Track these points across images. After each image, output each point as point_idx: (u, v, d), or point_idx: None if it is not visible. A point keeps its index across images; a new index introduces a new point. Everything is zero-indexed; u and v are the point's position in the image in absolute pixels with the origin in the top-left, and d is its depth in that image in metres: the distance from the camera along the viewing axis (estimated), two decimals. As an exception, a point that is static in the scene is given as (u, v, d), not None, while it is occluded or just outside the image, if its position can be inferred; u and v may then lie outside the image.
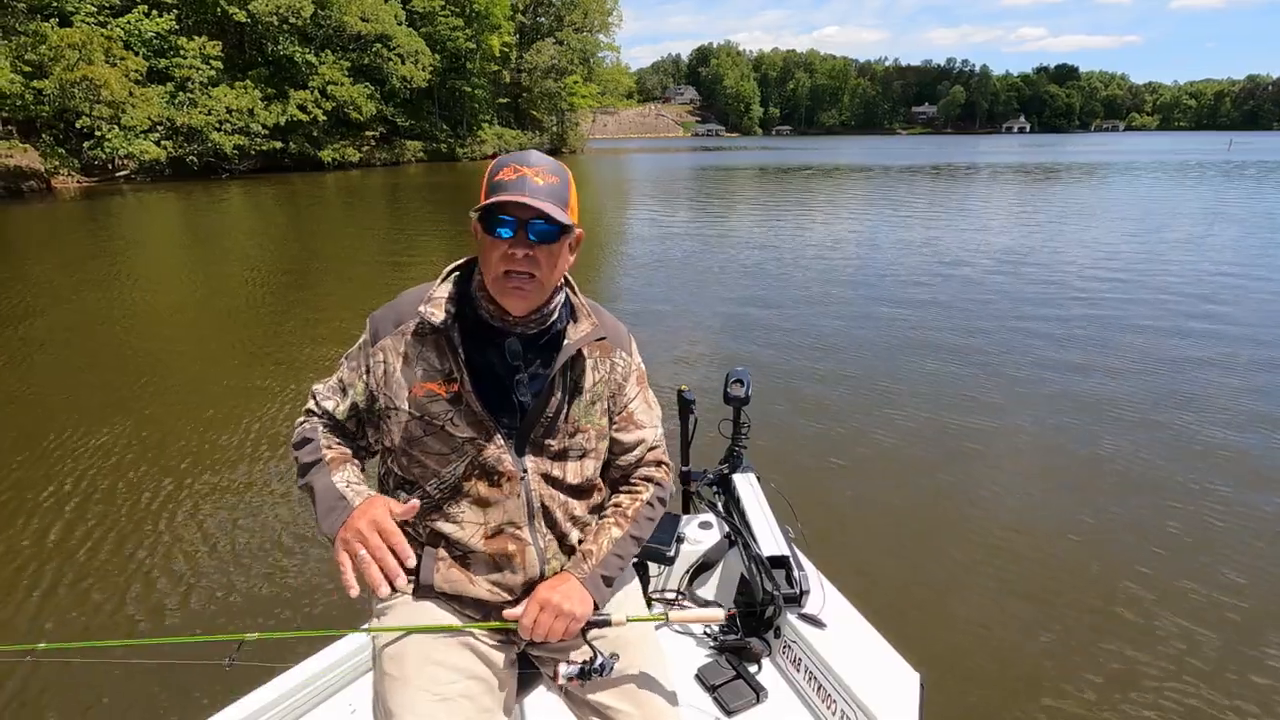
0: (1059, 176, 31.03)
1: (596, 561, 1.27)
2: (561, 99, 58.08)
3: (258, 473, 4.33)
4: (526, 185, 1.12)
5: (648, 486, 1.39)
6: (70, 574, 3.36)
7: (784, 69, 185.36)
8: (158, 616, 3.07)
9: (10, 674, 2.74)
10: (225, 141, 31.50)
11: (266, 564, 3.41)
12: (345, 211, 20.08)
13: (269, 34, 34.72)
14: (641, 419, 1.38)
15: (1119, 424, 4.95)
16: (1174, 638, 2.83)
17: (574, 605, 1.21)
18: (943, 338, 7.02)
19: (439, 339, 1.21)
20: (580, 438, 1.28)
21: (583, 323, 1.29)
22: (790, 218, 17.78)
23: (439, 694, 1.18)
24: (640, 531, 1.35)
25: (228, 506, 3.94)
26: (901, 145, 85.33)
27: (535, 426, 1.24)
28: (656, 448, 1.42)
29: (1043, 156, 49.85)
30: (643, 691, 1.28)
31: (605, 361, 1.32)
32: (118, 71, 23.95)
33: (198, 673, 2.58)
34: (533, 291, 1.17)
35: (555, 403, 1.25)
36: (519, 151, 1.19)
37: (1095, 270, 10.41)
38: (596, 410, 1.30)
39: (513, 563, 1.26)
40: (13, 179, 23.62)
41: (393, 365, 1.22)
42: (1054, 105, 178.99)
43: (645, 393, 1.41)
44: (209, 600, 3.15)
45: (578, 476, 1.29)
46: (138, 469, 4.39)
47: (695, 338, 7.27)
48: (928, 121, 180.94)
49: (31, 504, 4.00)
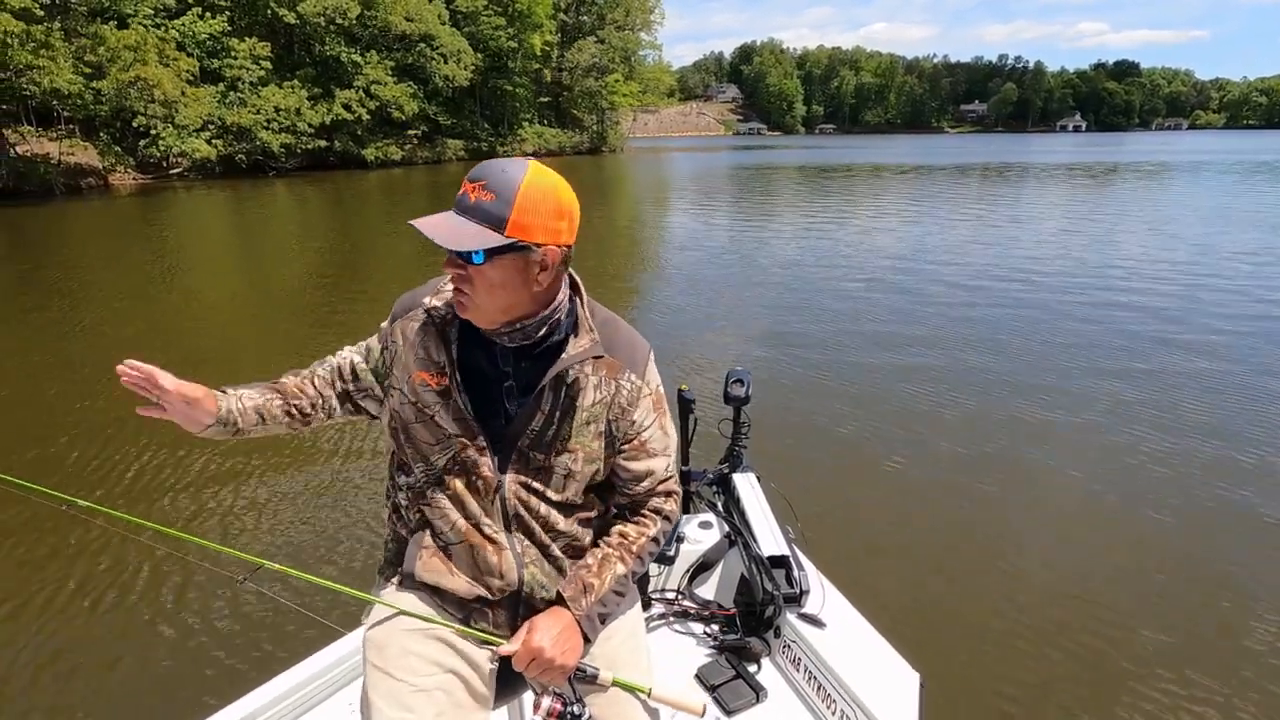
0: (1118, 177, 29.85)
1: (596, 598, 1.24)
2: (602, 97, 58.19)
3: (309, 446, 4.63)
4: (458, 203, 1.10)
5: (655, 520, 1.34)
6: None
7: (828, 66, 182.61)
8: (200, 519, 3.77)
9: (50, 520, 3.46)
10: (273, 140, 32.33)
11: (302, 514, 3.81)
12: (387, 210, 20.40)
13: (316, 34, 35.54)
14: (654, 447, 1.31)
15: (1134, 423, 4.87)
16: (1174, 637, 2.83)
17: (566, 658, 1.18)
18: (958, 344, 6.83)
19: (438, 331, 1.22)
20: (566, 457, 1.24)
21: (583, 338, 1.23)
22: (830, 219, 17.46)
23: (416, 685, 1.19)
24: (642, 567, 1.32)
25: (280, 469, 4.36)
26: (950, 144, 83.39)
27: (520, 437, 1.22)
28: (669, 479, 1.35)
29: (1100, 155, 48.01)
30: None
31: (610, 382, 1.25)
32: (170, 72, 24.76)
33: (210, 577, 3.07)
34: (470, 308, 1.14)
35: (542, 417, 1.22)
36: (487, 161, 1.13)
37: (1166, 287, 9.29)
38: (590, 431, 1.24)
39: (489, 563, 1.25)
40: (73, 176, 24.65)
41: (400, 347, 1.25)
42: (1112, 103, 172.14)
43: (662, 419, 1.33)
44: (240, 523, 3.72)
45: (558, 494, 1.26)
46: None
47: (725, 342, 7.19)
48: (977, 120, 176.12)
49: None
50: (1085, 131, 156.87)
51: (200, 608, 2.98)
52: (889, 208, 19.36)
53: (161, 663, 2.69)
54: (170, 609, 2.98)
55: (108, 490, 4.06)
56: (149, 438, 4.65)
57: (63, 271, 11.00)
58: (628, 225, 16.96)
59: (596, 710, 1.22)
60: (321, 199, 23.12)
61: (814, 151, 61.75)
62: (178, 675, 2.64)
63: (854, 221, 16.38)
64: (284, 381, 1.33)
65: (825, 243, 13.40)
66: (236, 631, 2.84)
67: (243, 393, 1.28)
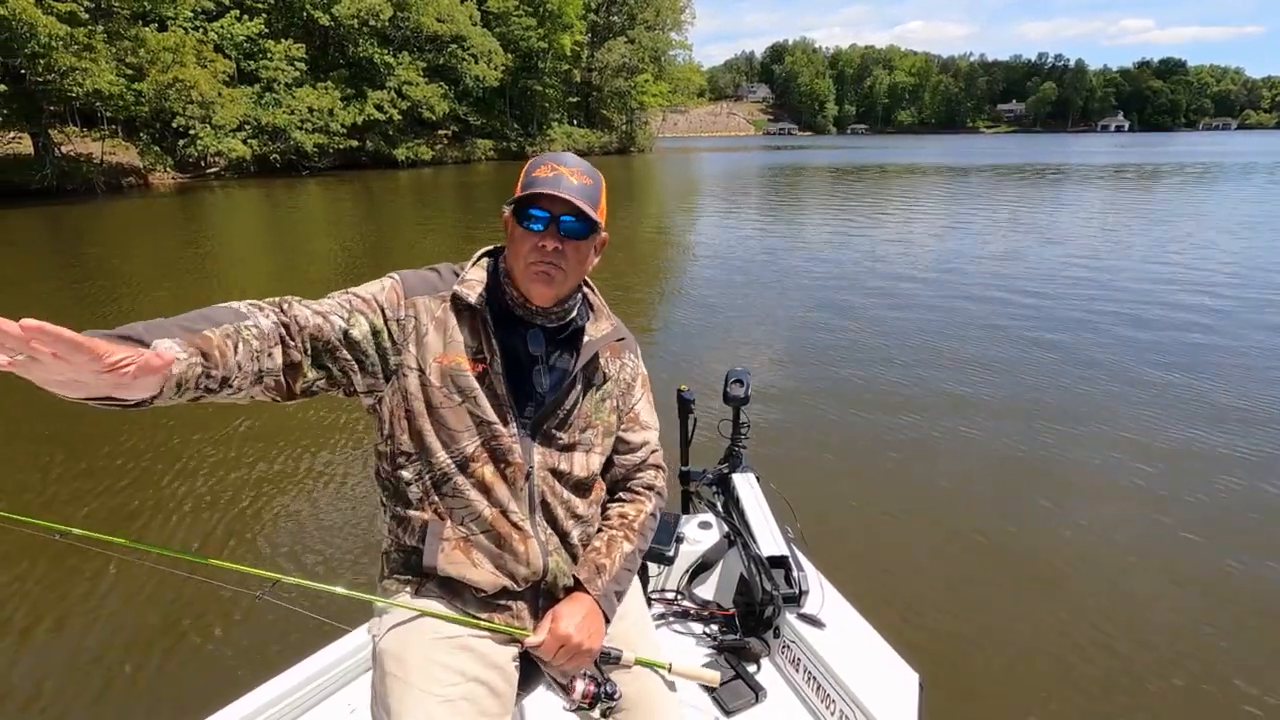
0: (1165, 178, 28.84)
1: (610, 577, 1.30)
2: (631, 97, 58.24)
3: (329, 450, 4.52)
4: (562, 183, 1.17)
5: (650, 496, 1.42)
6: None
7: (861, 66, 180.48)
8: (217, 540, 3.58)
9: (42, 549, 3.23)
10: (306, 140, 32.92)
11: (318, 523, 3.67)
12: (417, 209, 20.66)
13: (350, 36, 36.10)
14: (646, 420, 1.43)
15: (1149, 408, 4.83)
16: (1173, 637, 2.82)
17: (593, 641, 1.23)
18: (974, 352, 6.56)
19: (473, 317, 1.23)
20: (590, 433, 1.31)
21: (602, 322, 1.34)
22: (861, 221, 17.24)
23: (441, 695, 1.17)
24: (645, 544, 1.39)
25: (304, 474, 4.24)
26: (986, 144, 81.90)
27: (550, 418, 1.26)
28: (657, 450, 1.46)
29: (1147, 156, 46.49)
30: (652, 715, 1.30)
31: (616, 361, 1.37)
32: (207, 73, 25.32)
33: (217, 596, 2.93)
34: (557, 281, 1.20)
35: (573, 397, 1.29)
36: (557, 152, 1.24)
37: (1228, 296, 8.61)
38: (606, 407, 1.34)
39: (515, 551, 1.25)
40: (114, 175, 25.38)
41: (425, 326, 1.20)
42: (1156, 102, 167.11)
43: (648, 395, 1.45)
44: (251, 538, 3.56)
45: (584, 470, 1.31)
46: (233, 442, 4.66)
47: (755, 343, 7.10)
48: (1015, 119, 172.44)
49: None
50: (1128, 131, 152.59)
51: (198, 620, 2.92)
52: (920, 209, 19.04)
53: (179, 670, 2.66)
54: (177, 626, 2.90)
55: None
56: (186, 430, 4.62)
57: (100, 265, 11.32)
58: (655, 221, 16.88)
59: (623, 688, 1.27)
60: (353, 198, 23.46)
61: (846, 152, 61.14)
62: (183, 678, 2.62)
63: (884, 223, 16.13)
64: (208, 335, 0.96)
65: (851, 242, 13.21)
66: (234, 641, 2.80)
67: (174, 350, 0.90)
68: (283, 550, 3.42)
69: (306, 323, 1.10)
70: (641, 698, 1.29)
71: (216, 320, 0.99)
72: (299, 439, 4.63)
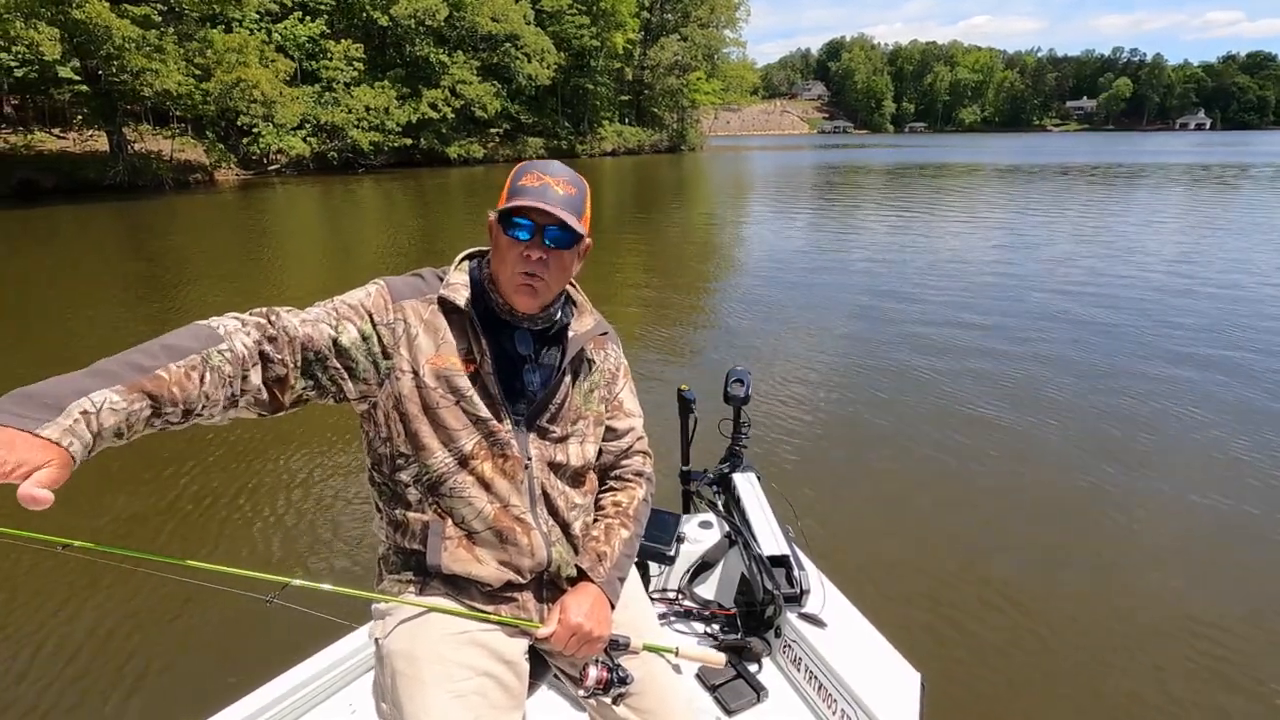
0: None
1: (612, 564, 1.32)
2: (683, 96, 58.07)
3: (330, 450, 4.50)
4: (548, 194, 1.18)
5: (640, 482, 1.45)
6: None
7: (921, 62, 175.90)
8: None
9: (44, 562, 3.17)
10: (362, 138, 33.83)
11: (334, 525, 3.63)
12: (467, 206, 20.96)
13: (408, 36, 36.93)
14: (630, 408, 1.46)
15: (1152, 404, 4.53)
16: (1173, 639, 2.79)
17: (602, 628, 1.25)
18: (978, 364, 6.22)
19: (461, 319, 1.24)
20: (581, 424, 1.34)
21: (585, 317, 1.36)
22: (920, 226, 16.75)
23: (454, 690, 1.18)
24: (641, 529, 1.42)
25: (305, 474, 4.20)
26: (1052, 143, 78.71)
27: (542, 413, 1.29)
28: (643, 437, 1.49)
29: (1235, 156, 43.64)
30: (663, 706, 1.33)
31: (600, 352, 1.39)
32: (269, 72, 26.20)
33: (218, 601, 2.88)
34: (541, 292, 1.22)
35: (563, 390, 1.31)
36: (542, 160, 1.27)
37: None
38: (595, 398, 1.37)
39: (519, 544, 1.26)
40: (182, 171, 26.53)
41: (415, 329, 1.22)
42: (1242, 99, 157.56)
43: (630, 384, 1.49)
44: (262, 543, 3.53)
45: (579, 459, 1.34)
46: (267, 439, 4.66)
47: (762, 345, 6.98)
48: (1085, 117, 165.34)
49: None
50: (1209, 130, 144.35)
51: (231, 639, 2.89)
52: (968, 210, 18.31)
53: (180, 673, 2.66)
54: (177, 632, 2.90)
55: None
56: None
57: (173, 255, 11.86)
58: (703, 220, 16.66)
59: (633, 673, 1.30)
60: (406, 195, 23.99)
61: (901, 151, 59.54)
62: (183, 681, 2.61)
63: (929, 224, 15.55)
64: (159, 375, 0.93)
65: (901, 246, 12.81)
66: (235, 644, 2.74)
67: (101, 421, 0.87)
68: (281, 552, 3.40)
69: (296, 333, 1.10)
70: (651, 681, 1.32)
71: (181, 351, 0.96)
72: (300, 439, 4.63)
